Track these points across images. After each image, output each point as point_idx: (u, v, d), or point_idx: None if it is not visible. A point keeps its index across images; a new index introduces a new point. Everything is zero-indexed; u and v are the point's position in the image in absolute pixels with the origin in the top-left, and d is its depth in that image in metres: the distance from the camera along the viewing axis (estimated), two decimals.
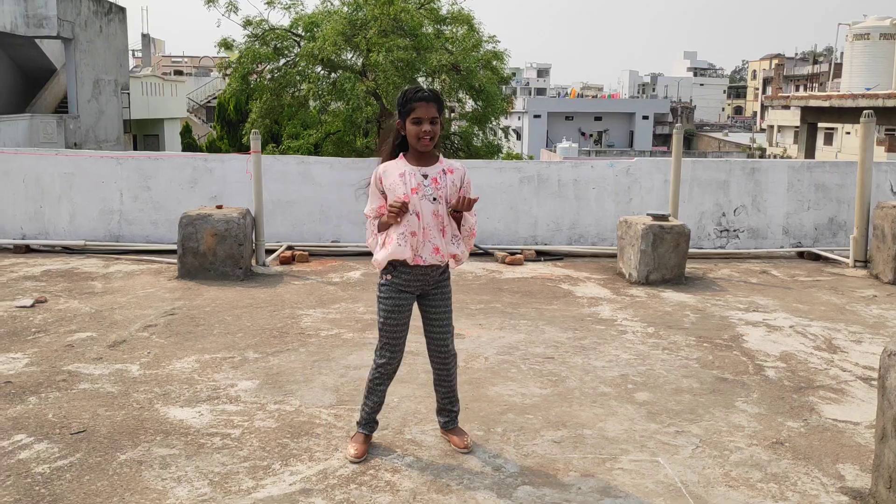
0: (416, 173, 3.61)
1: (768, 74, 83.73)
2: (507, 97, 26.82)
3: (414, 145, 3.61)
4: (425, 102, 3.54)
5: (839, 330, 6.20)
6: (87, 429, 4.08)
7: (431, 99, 3.56)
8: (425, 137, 3.55)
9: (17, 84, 25.94)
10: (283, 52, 22.97)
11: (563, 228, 9.61)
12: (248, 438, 3.99)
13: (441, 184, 3.63)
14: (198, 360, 5.21)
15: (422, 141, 3.56)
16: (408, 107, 3.56)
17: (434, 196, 3.60)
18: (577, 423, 4.26)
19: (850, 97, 22.56)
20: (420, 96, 3.55)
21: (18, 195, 9.32)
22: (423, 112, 3.54)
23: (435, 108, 3.56)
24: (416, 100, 3.55)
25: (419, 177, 3.60)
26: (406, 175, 3.60)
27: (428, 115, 3.54)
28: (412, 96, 3.56)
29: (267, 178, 8.95)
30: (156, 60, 54.24)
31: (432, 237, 3.63)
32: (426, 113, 3.54)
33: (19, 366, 5.06)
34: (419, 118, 3.54)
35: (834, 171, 9.82)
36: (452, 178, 3.68)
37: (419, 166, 3.63)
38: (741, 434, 4.16)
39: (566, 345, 5.67)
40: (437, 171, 3.65)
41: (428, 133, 3.55)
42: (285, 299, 6.92)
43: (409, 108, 3.56)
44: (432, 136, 3.56)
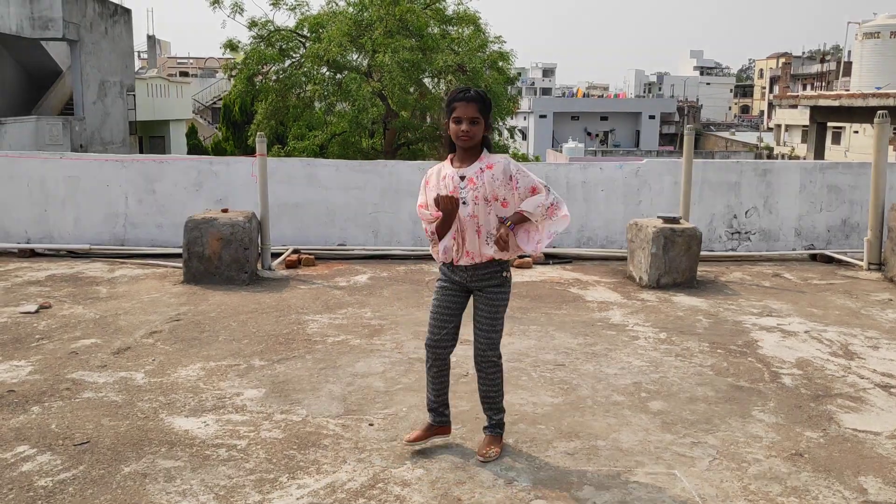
0: (455, 175, 3.69)
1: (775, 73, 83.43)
2: (514, 97, 26.71)
3: (455, 143, 3.70)
4: (465, 102, 3.62)
5: (855, 335, 6.09)
6: (91, 440, 4.00)
7: (472, 99, 3.64)
8: (463, 136, 3.64)
9: (22, 86, 25.94)
10: (289, 53, 22.92)
11: (572, 231, 9.51)
12: (255, 450, 3.91)
13: (478, 182, 3.65)
14: (203, 368, 5.12)
15: (461, 139, 3.65)
16: (450, 106, 3.67)
17: (465, 199, 3.66)
18: (590, 433, 4.16)
19: (861, 96, 22.39)
20: (461, 96, 3.65)
21: (23, 199, 9.26)
22: (462, 111, 3.62)
23: (475, 108, 3.62)
24: (457, 99, 3.65)
25: (457, 179, 3.68)
26: (447, 178, 3.71)
27: (466, 114, 3.62)
28: (454, 96, 3.68)
29: (273, 180, 8.87)
30: (161, 62, 54.27)
31: (466, 240, 3.71)
32: (465, 112, 3.62)
33: (23, 374, 4.99)
34: (459, 117, 3.64)
35: (847, 172, 9.70)
36: (492, 173, 3.67)
37: (460, 167, 3.71)
38: (759, 445, 4.06)
39: (577, 351, 5.57)
40: (475, 169, 3.68)
41: (466, 132, 3.62)
42: (291, 304, 6.84)
43: (451, 108, 3.67)
44: (471, 135, 3.64)
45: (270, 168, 8.80)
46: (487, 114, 3.69)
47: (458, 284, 3.82)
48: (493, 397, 3.93)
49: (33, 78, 26.22)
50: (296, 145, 21.33)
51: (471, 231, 3.68)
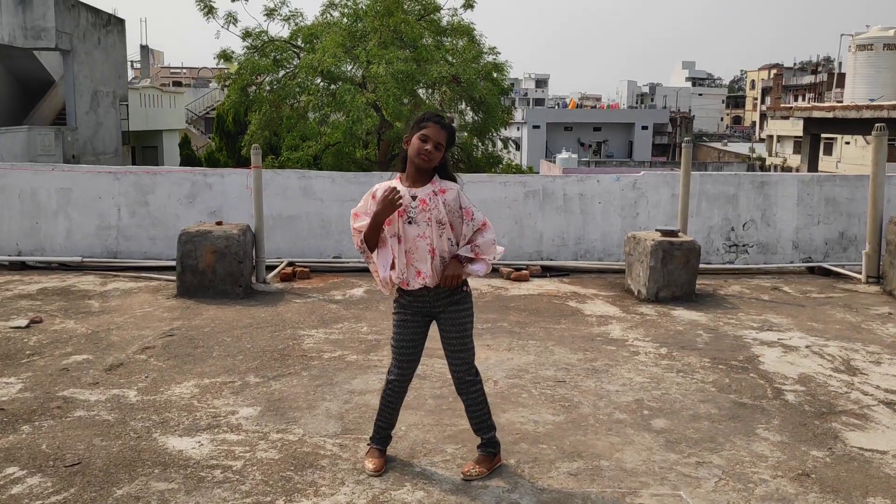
0: (407, 194, 3.62)
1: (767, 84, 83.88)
2: (507, 108, 26.71)
3: (412, 158, 3.62)
4: (438, 126, 3.61)
5: (857, 350, 6.03)
6: (82, 461, 3.90)
7: (445, 126, 3.63)
8: (424, 156, 3.58)
9: (15, 96, 25.81)
10: (283, 63, 22.84)
11: (569, 243, 9.45)
12: (250, 471, 3.82)
13: (430, 204, 3.61)
14: (197, 385, 5.03)
15: (421, 157, 3.59)
16: (421, 124, 3.63)
17: (416, 219, 3.60)
18: (592, 453, 4.08)
19: (855, 108, 22.45)
20: (436, 119, 3.64)
21: (14, 211, 9.15)
22: (432, 133, 3.59)
23: (444, 136, 3.61)
24: (432, 120, 3.63)
25: (408, 198, 3.62)
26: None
27: (435, 137, 3.59)
28: (429, 116, 3.66)
29: (267, 192, 8.79)
30: (154, 72, 54.18)
31: (415, 261, 3.64)
32: (434, 135, 3.59)
33: (13, 391, 4.88)
34: (426, 136, 3.59)
35: (844, 185, 9.67)
36: (445, 198, 3.64)
37: (411, 187, 3.65)
38: (765, 465, 3.99)
39: (577, 367, 5.50)
40: (428, 191, 3.64)
41: (428, 153, 3.58)
42: (286, 319, 6.74)
43: (421, 126, 3.62)
44: (430, 159, 3.59)
45: (265, 180, 8.73)
46: (451, 146, 3.68)
47: (419, 312, 3.76)
48: (481, 415, 3.88)
49: (25, 88, 26.10)
50: (290, 156, 21.23)
51: (422, 251, 3.63)
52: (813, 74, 72.09)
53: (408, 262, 3.65)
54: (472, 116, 24.29)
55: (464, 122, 24.97)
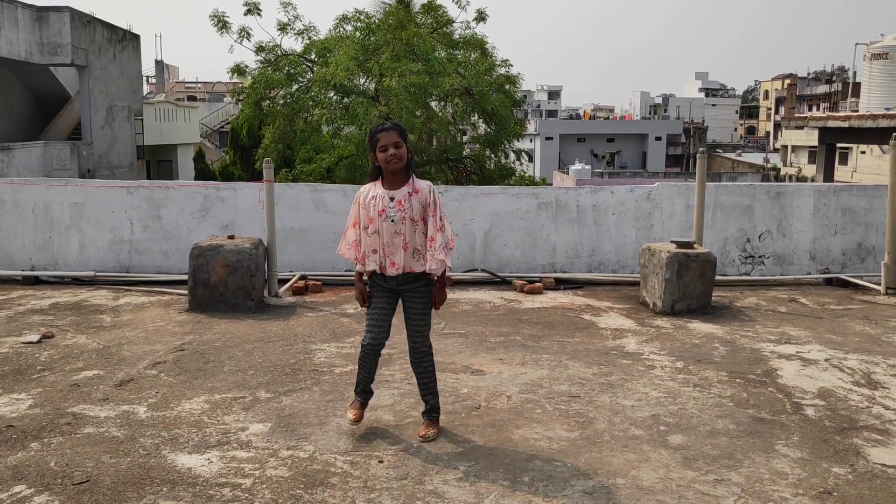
0: (385, 196, 4.24)
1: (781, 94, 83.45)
2: (520, 120, 26.68)
3: (385, 168, 4.22)
4: (386, 132, 4.18)
5: (877, 363, 5.92)
6: (91, 479, 3.86)
7: (391, 128, 4.19)
8: (392, 160, 4.16)
9: (31, 111, 26.04)
10: (296, 77, 22.93)
11: (583, 255, 9.37)
12: (260, 489, 3.76)
13: (405, 205, 4.22)
14: (207, 401, 4.98)
15: (390, 163, 4.18)
16: (374, 139, 4.20)
17: (394, 218, 4.20)
18: (608, 470, 4.00)
19: (871, 117, 22.24)
20: (382, 128, 4.21)
21: (28, 225, 9.18)
22: (386, 140, 4.16)
23: (396, 135, 4.17)
24: (380, 131, 4.20)
25: (387, 200, 4.23)
26: (377, 198, 4.25)
27: (390, 141, 4.16)
28: (376, 129, 4.21)
29: (280, 206, 8.78)
30: (169, 86, 54.60)
31: (391, 253, 4.26)
32: (389, 140, 4.16)
33: (22, 407, 4.86)
34: (385, 145, 4.17)
35: (861, 195, 9.54)
36: (418, 198, 4.24)
37: (389, 189, 4.25)
38: (785, 482, 3.89)
39: (592, 381, 5.41)
40: (404, 193, 4.23)
41: (394, 155, 4.16)
42: (298, 333, 6.70)
43: (375, 140, 4.20)
44: (399, 157, 4.17)
45: (277, 193, 8.71)
46: (406, 139, 4.23)
47: (388, 290, 4.36)
48: (429, 383, 4.47)
49: (42, 103, 26.33)
50: (303, 168, 21.28)
51: (397, 246, 4.24)
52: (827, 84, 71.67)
53: (385, 253, 4.26)
54: (484, 128, 24.29)
55: (476, 134, 24.97)
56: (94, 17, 25.08)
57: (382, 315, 4.36)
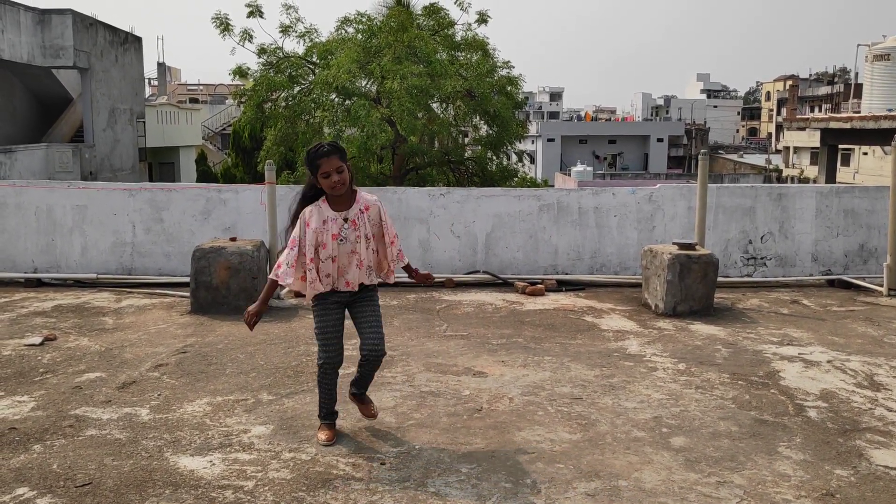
0: (338, 218, 4.13)
1: (782, 95, 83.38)
2: (522, 122, 26.71)
3: (330, 193, 4.11)
4: (327, 157, 4.03)
5: (880, 365, 5.91)
6: (93, 481, 3.86)
7: (332, 152, 4.04)
8: (337, 185, 4.06)
9: (33, 114, 26.09)
10: (298, 79, 22.98)
11: (585, 257, 9.37)
12: (262, 492, 3.76)
13: (359, 224, 4.16)
14: (209, 403, 4.99)
15: (335, 189, 4.07)
16: (314, 164, 4.05)
17: (349, 238, 4.13)
18: (611, 472, 3.99)
19: (872, 118, 22.23)
20: (321, 153, 4.04)
21: (30, 228, 9.19)
22: (328, 166, 4.02)
23: (337, 159, 4.04)
24: (319, 156, 4.03)
25: (340, 222, 4.13)
26: (328, 222, 4.13)
27: (333, 167, 4.03)
28: (315, 154, 4.05)
29: (281, 208, 8.76)
30: (171, 89, 54.66)
31: (346, 273, 4.19)
32: (330, 166, 4.03)
33: (25, 410, 4.86)
34: (327, 172, 4.03)
35: (864, 196, 9.53)
36: (369, 215, 4.20)
37: (339, 210, 4.14)
38: (787, 484, 3.89)
39: (594, 384, 5.41)
40: (356, 211, 4.16)
41: (338, 181, 4.05)
42: (300, 335, 6.70)
43: (315, 166, 4.04)
44: (343, 181, 4.06)
45: (280, 195, 8.71)
46: (346, 159, 4.09)
47: (338, 303, 4.26)
48: (370, 378, 4.48)
49: (44, 106, 26.38)
50: (305, 171, 21.32)
51: (353, 264, 4.17)
52: (829, 85, 71.64)
53: (339, 274, 4.17)
54: (486, 130, 24.31)
55: (478, 136, 24.99)
56: (97, 20, 25.13)
57: (335, 329, 4.25)
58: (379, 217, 4.22)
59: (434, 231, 9.27)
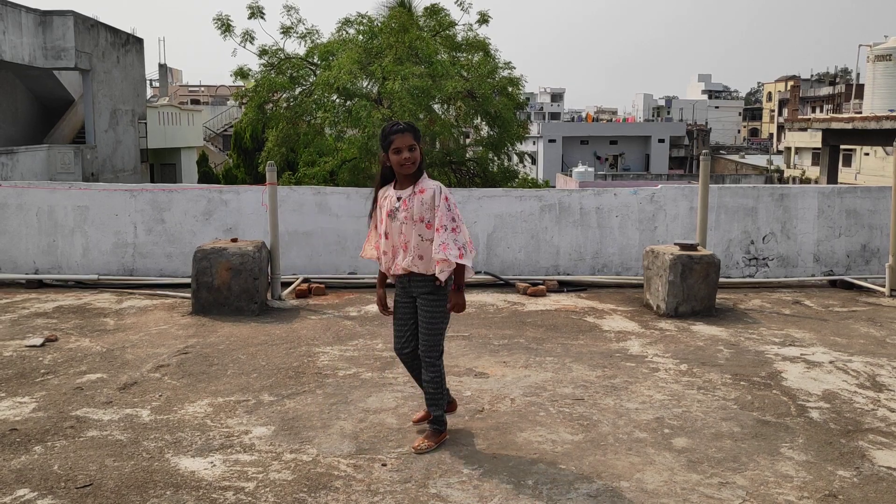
0: (394, 196, 4.19)
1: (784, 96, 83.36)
2: (523, 123, 26.69)
3: (398, 171, 4.15)
4: (401, 134, 4.09)
5: (882, 366, 5.89)
6: (94, 482, 3.86)
7: (407, 130, 4.11)
8: (406, 163, 4.10)
9: (35, 115, 26.10)
10: (299, 80, 22.95)
11: (586, 258, 9.36)
12: (263, 493, 3.75)
13: (409, 204, 4.14)
14: (211, 404, 4.98)
15: (404, 167, 4.11)
16: (387, 140, 4.11)
17: (398, 217, 4.15)
18: (612, 473, 3.98)
19: (874, 119, 22.20)
20: (396, 129, 4.10)
21: (32, 229, 9.19)
22: (401, 142, 4.08)
23: (411, 137, 4.10)
24: (394, 133, 4.10)
25: (394, 200, 4.18)
26: (389, 198, 4.21)
27: (405, 143, 4.08)
28: (390, 130, 4.12)
29: (283, 209, 8.78)
30: (173, 90, 54.68)
31: (397, 254, 4.22)
32: (403, 142, 4.08)
33: (26, 411, 4.86)
34: (398, 148, 4.09)
35: (866, 197, 9.52)
36: (422, 198, 4.14)
37: (399, 190, 4.19)
38: (790, 485, 3.87)
39: (596, 384, 5.40)
40: (409, 192, 4.16)
41: (408, 159, 4.09)
42: (301, 336, 6.70)
43: (388, 142, 4.11)
44: (413, 160, 4.10)
45: (281, 196, 8.72)
46: (419, 140, 4.17)
47: (405, 293, 4.30)
48: (432, 393, 4.31)
49: (45, 107, 26.38)
50: (306, 171, 21.30)
51: (399, 247, 4.20)
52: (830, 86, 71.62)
53: (393, 254, 4.22)
54: (487, 131, 24.29)
55: (479, 137, 24.97)
56: (98, 21, 25.13)
57: (401, 321, 4.35)
58: (433, 201, 4.12)
59: None
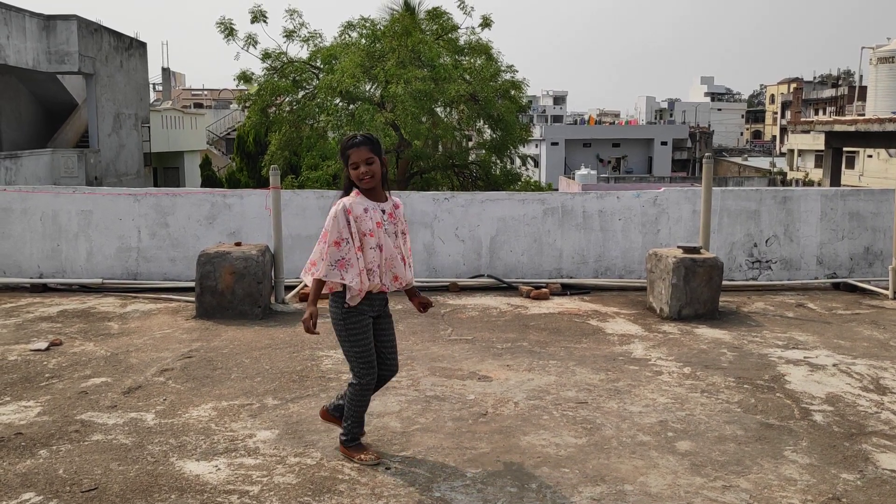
0: (377, 209, 4.02)
1: (787, 98, 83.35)
2: (525, 126, 26.71)
3: (358, 185, 3.98)
4: (356, 148, 3.94)
5: (886, 368, 5.89)
6: (99, 486, 3.87)
7: (363, 143, 3.95)
8: (364, 177, 3.94)
9: (39, 119, 26.18)
10: (302, 84, 23.04)
11: (589, 261, 9.36)
12: (268, 496, 3.76)
13: (395, 217, 4.11)
14: (215, 408, 4.99)
15: (363, 181, 3.95)
16: (344, 154, 3.99)
17: (394, 231, 4.07)
18: (616, 477, 3.99)
19: (877, 121, 22.18)
20: (352, 143, 3.96)
21: (36, 233, 9.22)
22: (357, 156, 3.93)
23: (367, 150, 3.94)
24: (349, 147, 3.96)
25: (380, 213, 4.02)
26: (370, 211, 3.99)
27: (361, 158, 3.92)
28: (346, 144, 3.99)
29: (286, 212, 8.80)
30: (176, 94, 54.84)
31: (394, 266, 4.07)
32: (359, 157, 3.93)
33: (31, 415, 4.87)
34: (355, 163, 3.94)
35: (869, 199, 9.52)
36: (401, 211, 4.15)
37: (376, 202, 4.03)
38: (794, 489, 3.88)
39: (599, 388, 5.41)
40: (391, 206, 4.09)
41: (365, 173, 3.93)
42: (305, 339, 6.71)
43: (346, 156, 3.98)
44: (371, 173, 3.94)
45: (284, 200, 8.74)
46: (379, 152, 3.99)
47: (372, 311, 4.10)
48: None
49: (49, 111, 26.46)
50: (309, 175, 21.36)
51: (398, 258, 4.07)
52: (833, 88, 71.59)
53: (387, 267, 4.04)
54: (490, 134, 24.32)
55: (482, 140, 25.00)
56: (101, 26, 25.22)
57: (372, 346, 4.07)
58: (402, 220, 4.16)
59: (439, 235, 9.28)
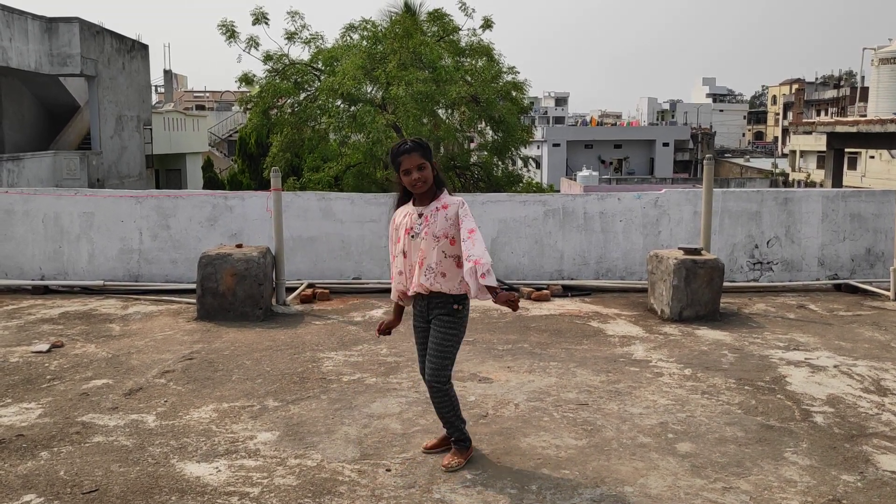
0: (415, 213, 4.03)
1: (788, 99, 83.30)
2: (527, 127, 26.71)
3: (412, 191, 4.02)
4: (408, 154, 3.94)
5: (887, 370, 5.89)
6: (100, 488, 3.88)
7: (413, 149, 3.95)
8: (417, 183, 3.96)
9: (41, 121, 26.21)
10: (304, 86, 23.03)
11: (590, 262, 9.36)
12: (268, 498, 3.77)
13: (431, 220, 3.97)
14: (216, 410, 5.00)
15: (416, 187, 3.97)
16: (396, 162, 3.99)
17: (418, 233, 3.97)
18: (616, 478, 3.99)
19: (879, 122, 22.18)
20: (403, 150, 3.96)
21: (38, 235, 9.24)
22: (409, 163, 3.94)
23: (419, 156, 3.94)
24: (400, 154, 3.96)
25: (415, 217, 4.01)
26: (408, 216, 4.04)
27: (413, 164, 3.93)
28: (397, 151, 3.98)
29: (287, 214, 8.81)
30: (178, 96, 54.89)
31: (415, 272, 4.02)
32: (411, 163, 3.93)
33: (32, 417, 4.88)
34: (407, 169, 3.95)
35: (870, 200, 9.51)
36: (446, 213, 3.97)
37: (419, 206, 4.04)
38: (794, 490, 3.88)
39: (600, 389, 5.41)
40: (431, 209, 4.00)
41: (418, 179, 3.94)
42: (306, 341, 6.72)
43: (397, 163, 3.98)
44: (424, 179, 3.95)
45: (285, 202, 8.75)
46: (430, 157, 3.98)
47: (420, 317, 4.14)
48: (447, 417, 4.13)
49: (51, 113, 26.50)
50: (311, 177, 21.35)
51: (416, 266, 4.01)
52: (835, 89, 71.54)
53: (411, 273, 4.04)
54: (491, 135, 24.30)
55: (484, 142, 25.00)
56: (103, 28, 25.25)
57: (421, 346, 4.20)
58: (456, 214, 3.95)
59: None
